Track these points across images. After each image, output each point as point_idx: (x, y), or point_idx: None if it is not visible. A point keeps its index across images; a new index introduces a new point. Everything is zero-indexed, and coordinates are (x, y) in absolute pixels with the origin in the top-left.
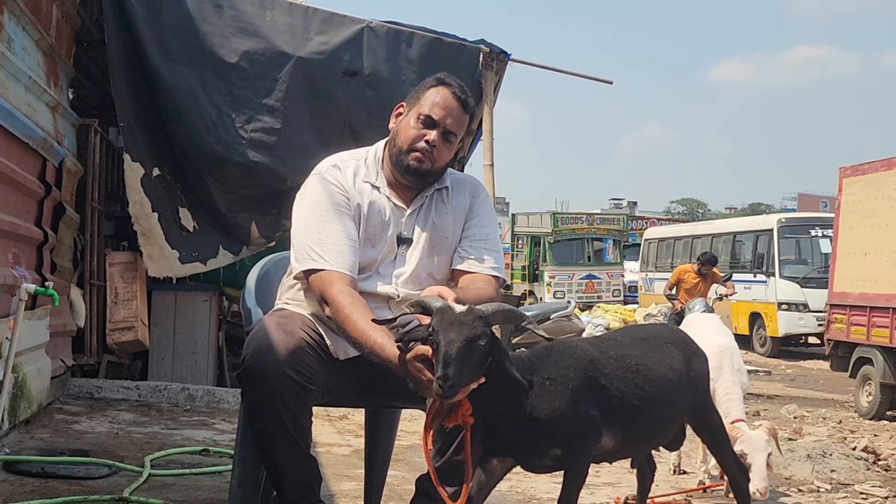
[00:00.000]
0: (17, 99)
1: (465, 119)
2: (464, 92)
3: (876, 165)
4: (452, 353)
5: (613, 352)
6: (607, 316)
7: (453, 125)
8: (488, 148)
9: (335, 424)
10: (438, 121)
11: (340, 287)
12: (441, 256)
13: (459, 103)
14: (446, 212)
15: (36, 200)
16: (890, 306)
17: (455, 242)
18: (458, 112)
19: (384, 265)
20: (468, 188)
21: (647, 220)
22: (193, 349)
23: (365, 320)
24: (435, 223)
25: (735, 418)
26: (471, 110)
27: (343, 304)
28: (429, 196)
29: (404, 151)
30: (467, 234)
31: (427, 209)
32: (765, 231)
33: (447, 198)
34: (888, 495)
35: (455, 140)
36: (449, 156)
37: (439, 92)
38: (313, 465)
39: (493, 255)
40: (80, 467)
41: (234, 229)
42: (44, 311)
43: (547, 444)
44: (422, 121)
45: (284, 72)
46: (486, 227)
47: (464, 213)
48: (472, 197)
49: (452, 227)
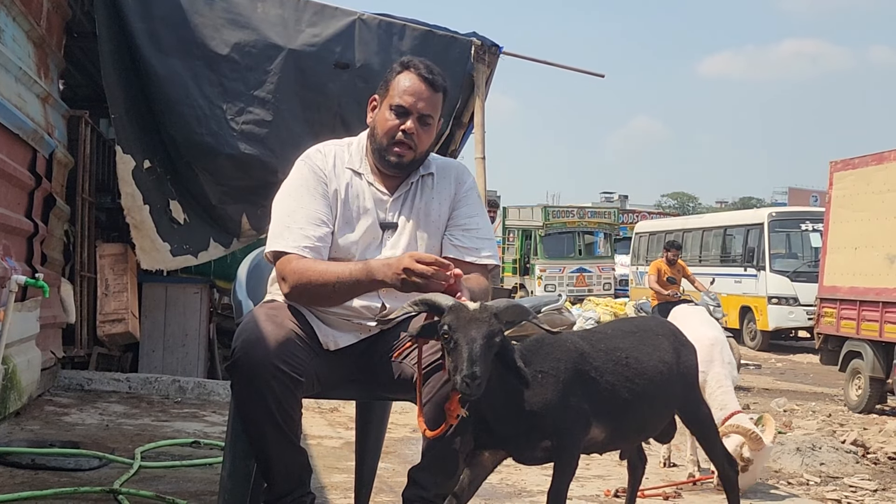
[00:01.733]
0: (8, 90)
1: (439, 97)
2: (430, 71)
3: (866, 160)
4: (477, 350)
5: (604, 345)
6: (598, 309)
7: (426, 108)
8: (479, 141)
9: (326, 416)
10: (410, 108)
11: (298, 260)
12: (430, 241)
13: (428, 84)
14: (432, 196)
15: (26, 192)
16: (880, 300)
17: (442, 226)
18: (429, 93)
19: (369, 250)
20: (453, 173)
21: (638, 214)
22: (184, 341)
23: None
24: (422, 209)
25: (732, 410)
26: (441, 87)
27: (303, 266)
28: (414, 182)
29: (385, 146)
30: (457, 223)
31: (413, 195)
32: (755, 225)
33: (433, 183)
34: (877, 488)
35: (433, 122)
36: (430, 139)
37: (406, 77)
38: (303, 457)
39: (486, 243)
40: (70, 459)
41: (224, 221)
42: (34, 303)
43: (538, 437)
44: (394, 111)
45: (276, 64)
46: (475, 214)
47: (450, 198)
48: (457, 183)
49: (438, 211)
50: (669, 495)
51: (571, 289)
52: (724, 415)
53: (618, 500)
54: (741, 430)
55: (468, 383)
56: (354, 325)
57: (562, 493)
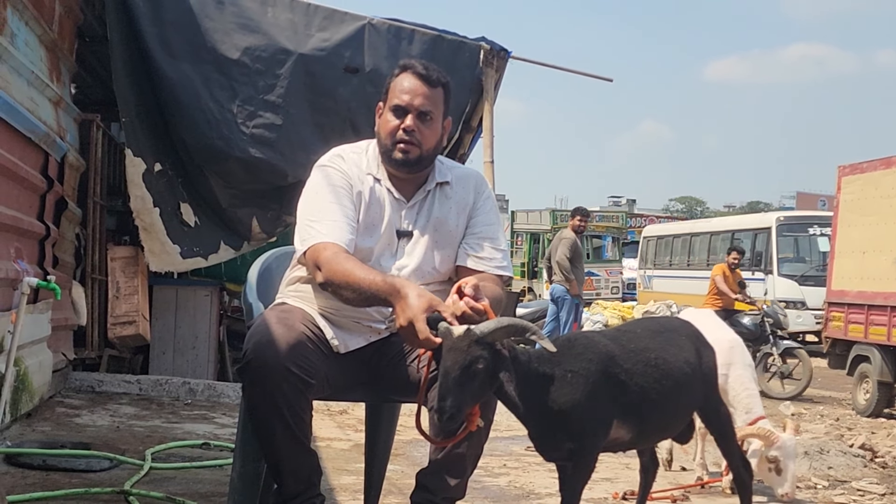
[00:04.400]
0: (20, 94)
1: (438, 93)
2: (427, 68)
3: (875, 164)
4: (449, 384)
5: (633, 345)
6: (606, 313)
7: (424, 104)
8: (488, 145)
9: (335, 419)
10: (407, 105)
11: (334, 249)
12: (445, 251)
13: (423, 80)
14: (450, 207)
15: (38, 195)
16: (888, 304)
17: (459, 237)
18: (425, 89)
19: (384, 258)
20: (472, 183)
21: (646, 218)
22: (194, 343)
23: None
24: (438, 218)
25: (757, 416)
26: (439, 82)
27: (338, 259)
28: (430, 191)
29: (389, 147)
30: (473, 231)
31: (430, 204)
32: (763, 229)
33: (450, 192)
34: (885, 492)
35: (435, 118)
36: (434, 135)
37: (402, 78)
38: (313, 459)
39: (501, 253)
40: (81, 460)
41: (235, 224)
42: (45, 305)
43: (564, 437)
44: (393, 112)
45: (286, 68)
46: (491, 224)
47: (467, 208)
48: (476, 193)
49: (456, 222)
50: (677, 498)
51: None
52: (750, 419)
53: (626, 502)
54: (756, 433)
55: (437, 417)
56: (365, 327)
57: (577, 493)
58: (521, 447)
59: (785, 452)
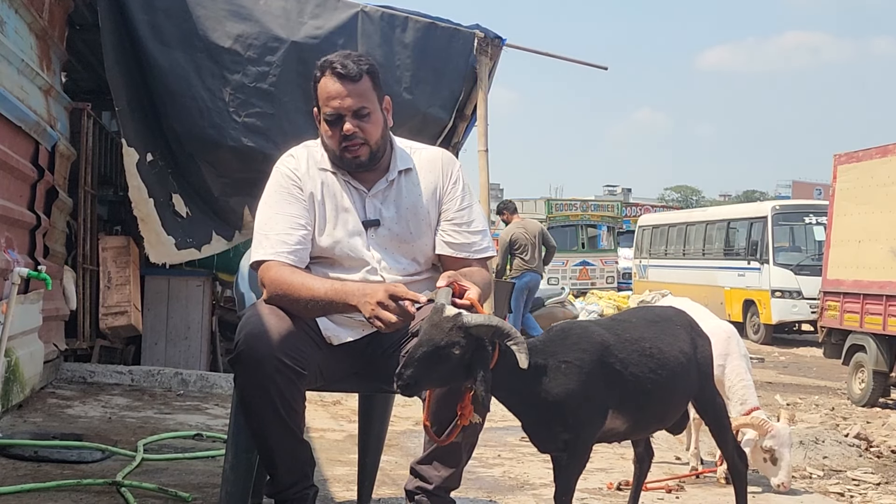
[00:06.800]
0: (10, 82)
1: (365, 83)
2: (345, 65)
3: (871, 153)
4: (416, 355)
5: (629, 335)
6: (601, 303)
7: (355, 102)
8: (482, 133)
9: (329, 409)
10: (339, 111)
11: (278, 269)
12: (422, 239)
13: (346, 80)
14: (419, 193)
15: (29, 184)
16: (883, 293)
17: (433, 221)
18: (350, 87)
19: (356, 249)
20: (438, 164)
21: (642, 207)
22: (186, 334)
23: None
24: (408, 207)
25: (752, 406)
26: (361, 73)
27: (282, 276)
28: (394, 180)
29: (338, 154)
30: (448, 218)
31: (397, 193)
32: (759, 218)
33: (416, 179)
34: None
35: (372, 109)
36: (377, 126)
37: (325, 83)
38: (306, 450)
39: (479, 235)
40: (73, 451)
41: (226, 214)
42: (36, 296)
43: (558, 427)
44: (329, 122)
45: (278, 56)
46: (464, 208)
47: (437, 190)
48: (444, 174)
49: (427, 207)
50: (672, 488)
51: (574, 282)
52: (745, 410)
53: (620, 492)
54: (751, 423)
55: (395, 381)
56: (357, 322)
57: (571, 484)
58: (515, 437)
59: (780, 442)
